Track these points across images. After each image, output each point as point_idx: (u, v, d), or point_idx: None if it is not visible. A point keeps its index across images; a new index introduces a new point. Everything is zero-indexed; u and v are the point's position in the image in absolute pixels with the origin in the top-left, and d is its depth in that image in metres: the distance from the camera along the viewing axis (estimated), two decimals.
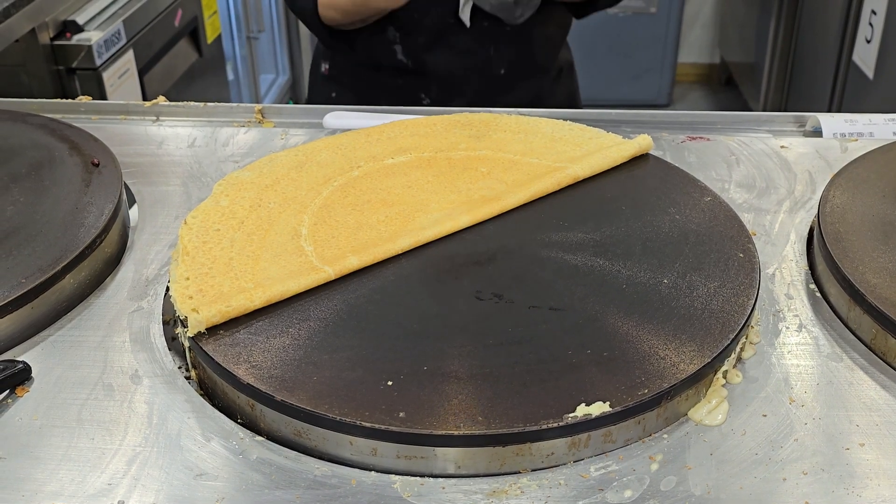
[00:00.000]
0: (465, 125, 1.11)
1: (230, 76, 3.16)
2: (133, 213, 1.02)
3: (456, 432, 0.68)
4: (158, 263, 0.93)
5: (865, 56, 2.68)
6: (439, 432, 0.68)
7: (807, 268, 0.92)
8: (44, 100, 1.26)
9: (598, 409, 0.69)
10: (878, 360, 0.80)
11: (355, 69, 1.56)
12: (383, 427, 0.68)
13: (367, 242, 0.88)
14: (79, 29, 2.16)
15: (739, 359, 0.80)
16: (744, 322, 0.78)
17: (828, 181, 0.98)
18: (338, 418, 0.69)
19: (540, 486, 0.68)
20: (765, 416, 0.74)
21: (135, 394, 0.77)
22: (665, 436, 0.72)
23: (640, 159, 1.04)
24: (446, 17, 1.45)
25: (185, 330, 0.77)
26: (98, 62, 2.14)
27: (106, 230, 0.92)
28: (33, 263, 0.86)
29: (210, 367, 0.76)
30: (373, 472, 0.69)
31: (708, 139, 1.15)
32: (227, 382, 0.74)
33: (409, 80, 1.52)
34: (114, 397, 0.76)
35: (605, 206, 0.95)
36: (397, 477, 0.69)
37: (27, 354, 0.81)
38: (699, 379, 0.74)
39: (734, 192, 1.04)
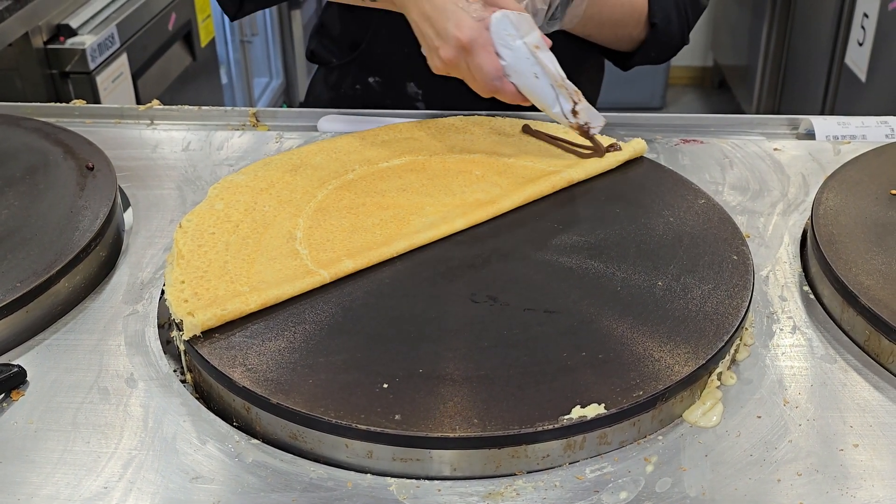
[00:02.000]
0: (459, 128, 1.11)
1: (224, 80, 3.16)
2: (128, 216, 1.02)
3: (451, 435, 0.68)
4: (153, 267, 0.93)
5: (858, 59, 2.69)
6: (435, 435, 0.68)
7: (800, 270, 0.92)
8: (38, 104, 1.26)
9: (594, 410, 0.69)
10: (872, 361, 0.80)
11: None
12: (379, 430, 0.68)
13: (361, 245, 0.88)
14: (72, 33, 2.16)
15: (734, 360, 0.80)
16: (738, 324, 0.78)
17: (821, 183, 0.98)
18: (333, 421, 0.69)
19: (535, 488, 0.68)
20: (759, 417, 0.74)
21: (130, 397, 0.77)
22: (660, 437, 0.73)
23: (634, 162, 1.04)
24: None
25: (181, 333, 0.77)
26: (92, 66, 2.14)
27: (101, 234, 0.92)
28: (28, 267, 0.85)
29: (205, 370, 0.76)
30: (368, 474, 0.70)
31: (701, 142, 1.15)
32: (222, 385, 0.74)
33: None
34: (109, 401, 0.76)
35: (599, 209, 0.96)
36: (393, 479, 0.69)
37: (22, 358, 0.81)
38: (694, 381, 0.74)
39: (728, 195, 1.04)
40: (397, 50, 1.28)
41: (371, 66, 1.32)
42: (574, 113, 0.96)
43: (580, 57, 1.34)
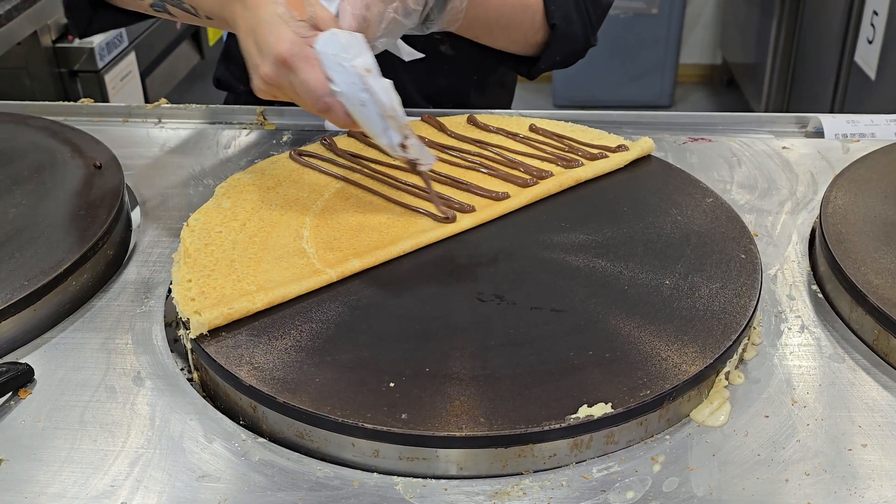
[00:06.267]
0: (466, 127, 1.11)
1: None
2: (135, 215, 1.02)
3: (458, 434, 0.68)
4: (161, 265, 0.93)
5: (867, 57, 2.68)
6: (441, 434, 0.68)
7: (809, 269, 0.92)
8: (46, 102, 1.27)
9: (600, 410, 0.69)
10: (881, 360, 0.80)
11: None
12: (385, 429, 0.68)
13: (368, 245, 0.88)
14: None
15: (741, 360, 0.80)
16: (746, 323, 0.78)
17: (829, 182, 0.98)
18: (340, 420, 0.69)
19: (542, 488, 0.68)
20: (767, 417, 0.74)
21: (137, 396, 0.77)
22: (667, 437, 0.72)
23: (642, 160, 1.04)
24: None
25: (188, 332, 0.77)
26: (100, 65, 2.15)
27: (108, 232, 0.92)
28: (36, 266, 0.86)
29: (212, 368, 0.76)
30: (375, 473, 0.69)
31: (710, 140, 1.15)
32: (229, 384, 0.75)
33: None
34: (116, 399, 0.76)
35: (606, 208, 0.95)
36: (399, 478, 0.69)
37: (30, 357, 0.81)
38: (701, 380, 0.74)
39: (736, 193, 1.04)
40: None
41: None
42: (403, 147, 0.88)
43: (487, 65, 1.30)
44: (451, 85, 1.30)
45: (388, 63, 1.24)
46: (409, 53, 1.03)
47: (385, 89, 0.86)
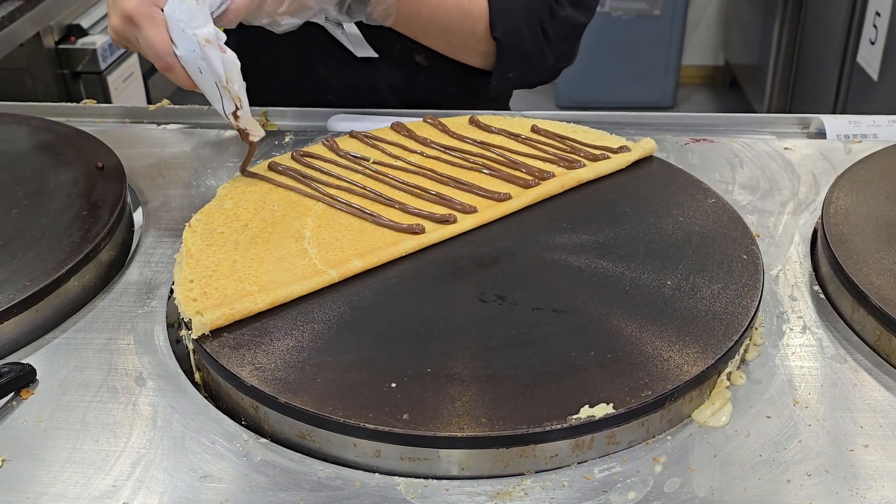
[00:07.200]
0: (468, 128, 1.11)
1: None
2: (137, 215, 1.02)
3: (459, 434, 0.68)
4: (163, 266, 0.93)
5: (870, 58, 2.68)
6: (443, 434, 0.68)
7: (811, 269, 0.92)
8: (48, 103, 1.27)
9: (602, 410, 0.69)
10: (882, 361, 0.80)
11: None
12: (387, 429, 0.68)
13: (370, 245, 0.88)
14: (83, 33, 2.17)
15: (743, 360, 0.80)
16: (747, 324, 0.78)
17: (831, 183, 0.98)
18: (342, 420, 0.69)
19: (544, 488, 0.68)
20: (769, 417, 0.74)
21: (139, 396, 0.77)
22: (669, 437, 0.72)
23: (644, 161, 1.04)
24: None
25: (190, 332, 0.77)
26: (103, 66, 2.15)
27: (110, 233, 0.92)
28: (38, 266, 0.86)
29: (214, 369, 0.76)
30: (377, 473, 0.70)
31: (712, 141, 1.15)
32: (231, 384, 0.75)
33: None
34: (118, 399, 0.77)
35: (608, 209, 0.95)
36: (401, 479, 0.69)
37: (32, 357, 0.81)
38: (703, 381, 0.74)
39: (738, 194, 1.04)
40: (277, 76, 1.26)
41: (252, 91, 1.29)
42: (234, 116, 0.96)
43: (465, 80, 1.27)
44: (428, 96, 1.29)
45: (368, 71, 1.24)
46: (361, 51, 1.05)
47: (223, 61, 0.91)
